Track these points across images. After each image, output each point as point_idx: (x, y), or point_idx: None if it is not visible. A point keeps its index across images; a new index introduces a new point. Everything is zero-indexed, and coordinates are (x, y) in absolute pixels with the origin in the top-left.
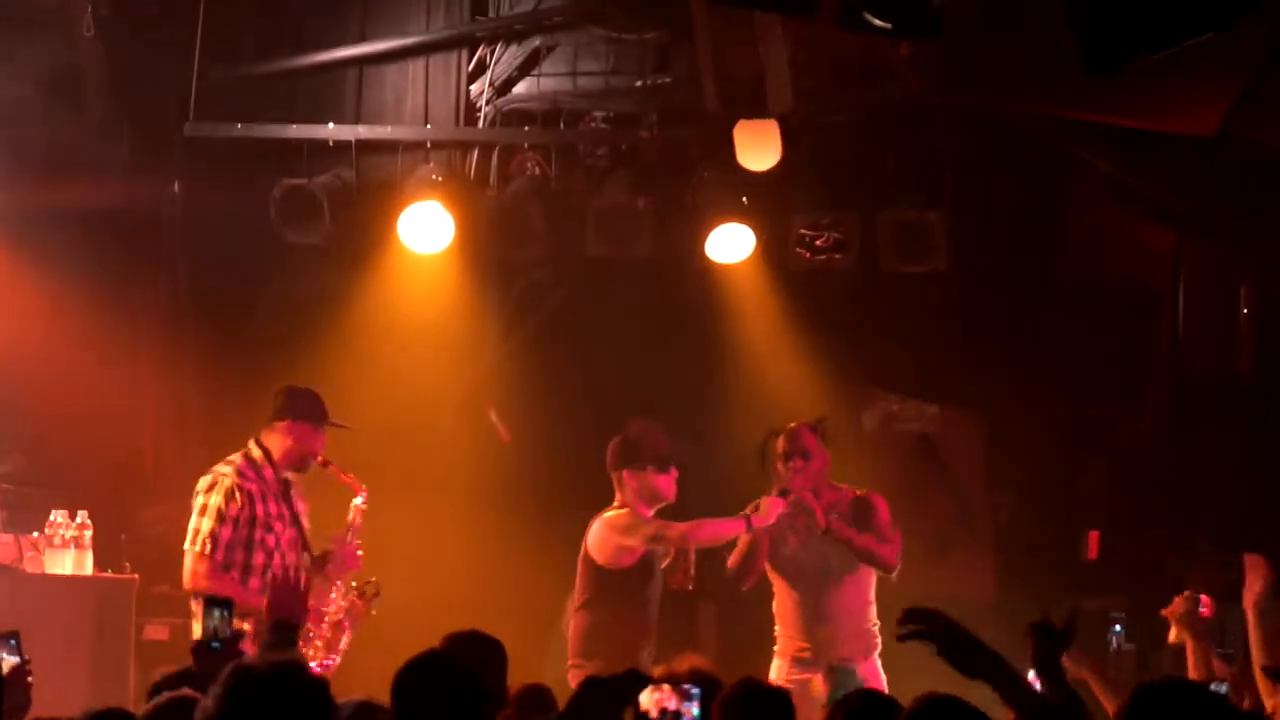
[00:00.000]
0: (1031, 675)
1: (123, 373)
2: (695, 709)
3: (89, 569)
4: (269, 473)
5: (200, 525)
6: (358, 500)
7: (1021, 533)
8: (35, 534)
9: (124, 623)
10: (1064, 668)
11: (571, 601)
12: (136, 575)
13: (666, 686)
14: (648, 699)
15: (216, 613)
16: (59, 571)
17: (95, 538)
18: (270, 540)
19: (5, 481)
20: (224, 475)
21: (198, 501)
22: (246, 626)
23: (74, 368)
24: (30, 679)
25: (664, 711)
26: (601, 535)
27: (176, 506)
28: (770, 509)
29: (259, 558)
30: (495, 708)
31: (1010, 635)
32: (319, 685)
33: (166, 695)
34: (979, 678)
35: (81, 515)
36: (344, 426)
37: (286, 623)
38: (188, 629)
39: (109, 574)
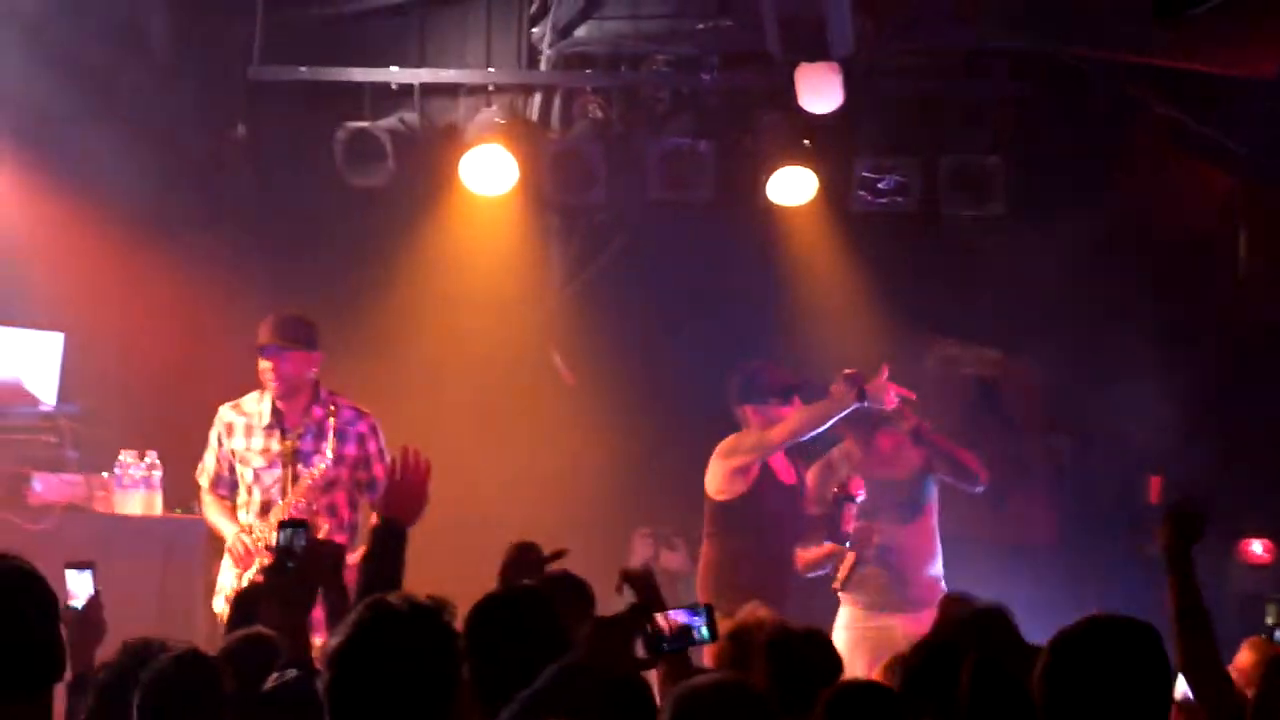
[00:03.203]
0: None
1: (188, 316)
2: (703, 627)
3: (158, 509)
4: (266, 405)
5: (204, 458)
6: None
7: (1081, 477)
8: (105, 474)
9: (193, 562)
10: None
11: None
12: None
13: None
14: (660, 620)
15: (288, 532)
16: (129, 511)
17: (164, 478)
18: (249, 475)
19: (75, 422)
20: (222, 407)
21: None
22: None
23: (141, 311)
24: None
25: (674, 628)
26: (711, 468)
27: None
28: (882, 389)
29: (241, 493)
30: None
31: (1069, 579)
32: (450, 632)
33: (240, 633)
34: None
35: (151, 456)
36: (256, 353)
37: (391, 526)
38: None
39: (178, 514)
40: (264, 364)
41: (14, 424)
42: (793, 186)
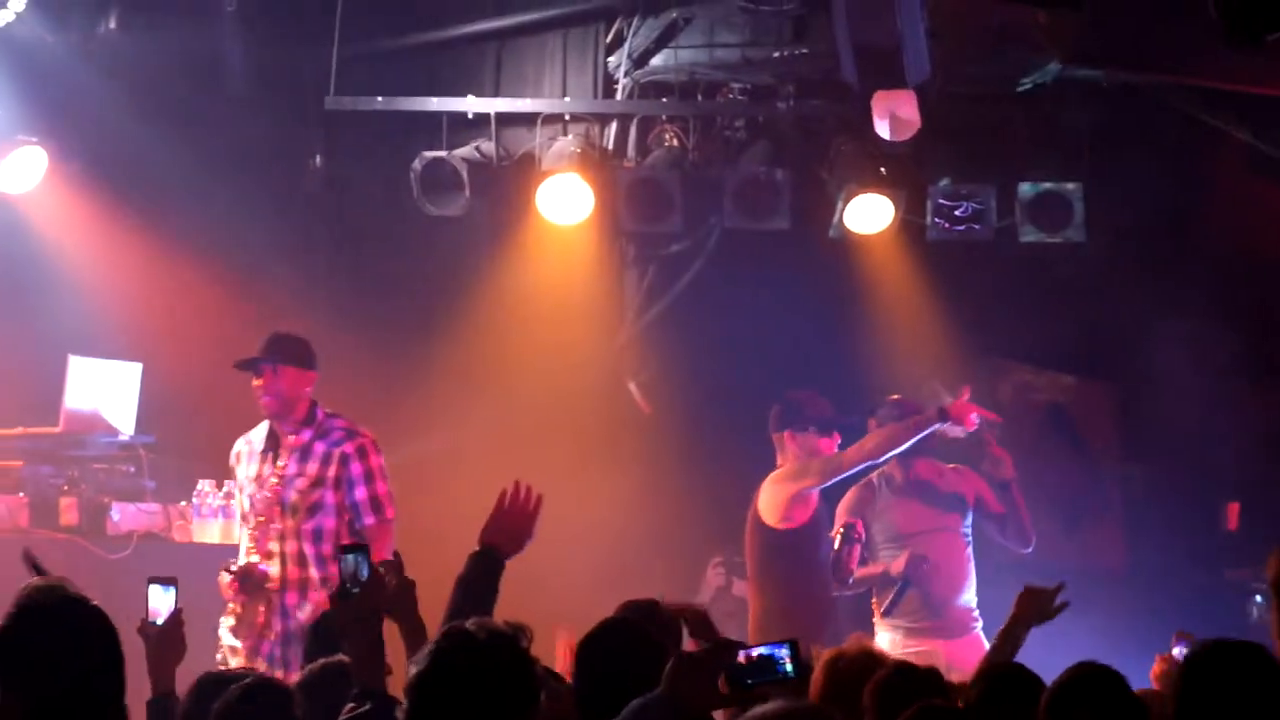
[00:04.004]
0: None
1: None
2: (788, 663)
3: (236, 538)
4: (265, 431)
5: None
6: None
7: (1154, 505)
8: (183, 503)
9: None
10: None
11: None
12: None
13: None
14: (743, 656)
15: (350, 558)
16: (206, 540)
17: None
18: (247, 502)
19: (152, 451)
20: (239, 439)
21: None
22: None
23: (217, 341)
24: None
25: (758, 664)
26: (770, 492)
27: None
28: (964, 410)
29: (241, 525)
30: None
31: (1141, 606)
32: (526, 659)
33: (321, 662)
34: None
35: (229, 485)
36: (245, 367)
37: (491, 554)
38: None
39: None
40: (256, 381)
41: (93, 454)
42: (869, 214)
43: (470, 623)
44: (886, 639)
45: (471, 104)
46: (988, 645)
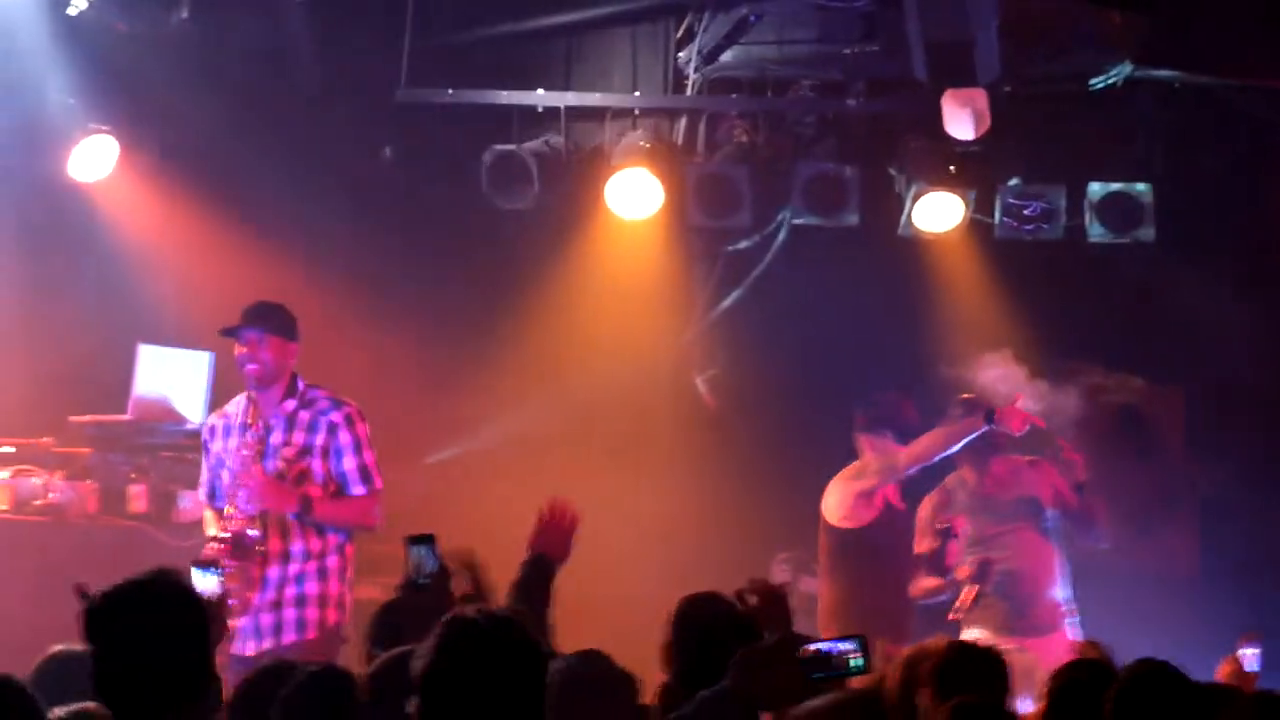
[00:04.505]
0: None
1: (336, 338)
2: (857, 657)
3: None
4: (243, 404)
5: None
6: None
7: (1225, 508)
8: None
9: None
10: None
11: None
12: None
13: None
14: (811, 649)
15: (417, 550)
16: None
17: None
18: (228, 475)
19: None
20: (210, 415)
21: None
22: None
23: None
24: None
25: (826, 658)
26: (833, 492)
27: (391, 470)
28: (1011, 415)
29: (221, 501)
30: None
31: (1210, 613)
32: (530, 638)
33: (389, 654)
34: None
35: None
36: (229, 333)
37: (543, 559)
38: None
39: None
40: (240, 349)
41: (162, 442)
42: (938, 212)
43: (471, 609)
44: (973, 635)
45: (542, 98)
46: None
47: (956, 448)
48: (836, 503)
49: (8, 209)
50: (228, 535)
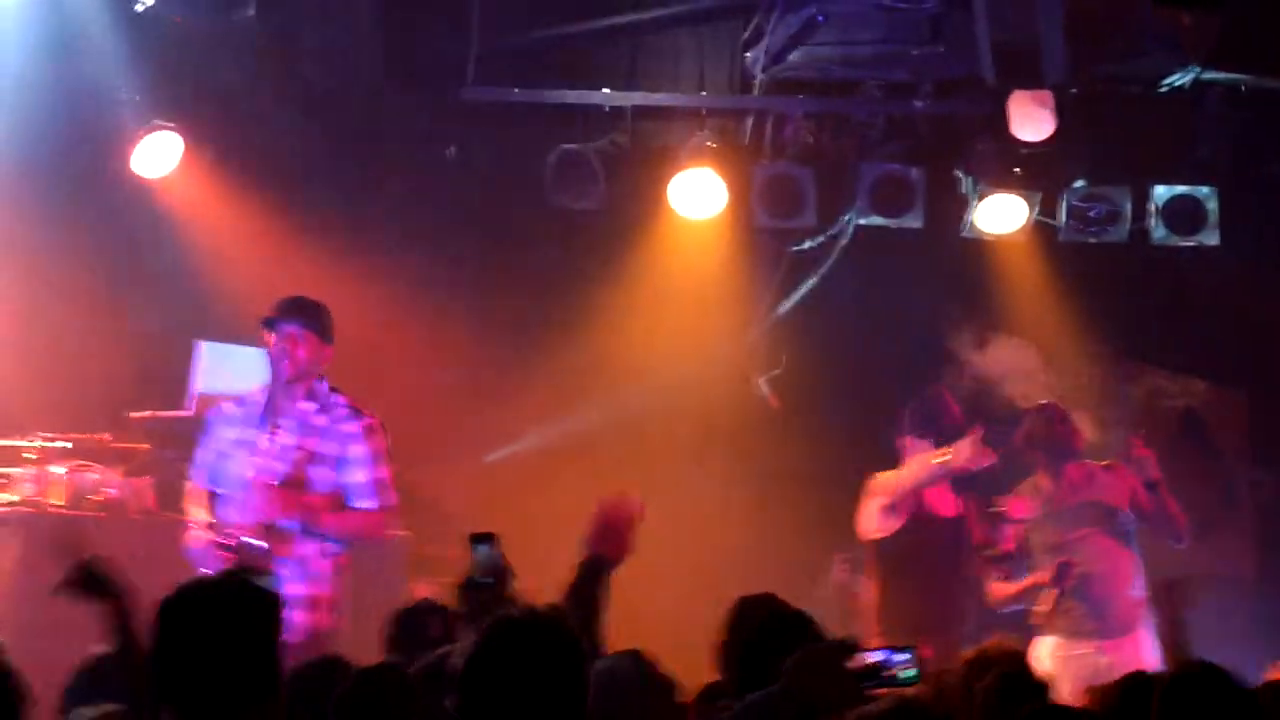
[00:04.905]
0: None
1: (399, 337)
2: (908, 669)
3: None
4: (263, 396)
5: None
6: None
7: None
8: None
9: (397, 580)
10: None
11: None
12: (409, 533)
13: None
14: (864, 657)
15: (481, 549)
16: None
17: None
18: (233, 467)
19: None
20: (225, 401)
21: None
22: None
23: (352, 332)
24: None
25: (877, 667)
26: (861, 506)
27: (449, 468)
28: (964, 452)
29: (221, 487)
30: None
31: (1269, 614)
32: (572, 638)
33: (437, 652)
34: None
35: None
36: (268, 324)
37: (599, 560)
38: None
39: None
40: (275, 340)
41: None
42: (1002, 214)
43: (514, 608)
44: (1049, 643)
45: (608, 97)
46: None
47: (930, 481)
48: (863, 517)
49: (72, 204)
50: (232, 543)
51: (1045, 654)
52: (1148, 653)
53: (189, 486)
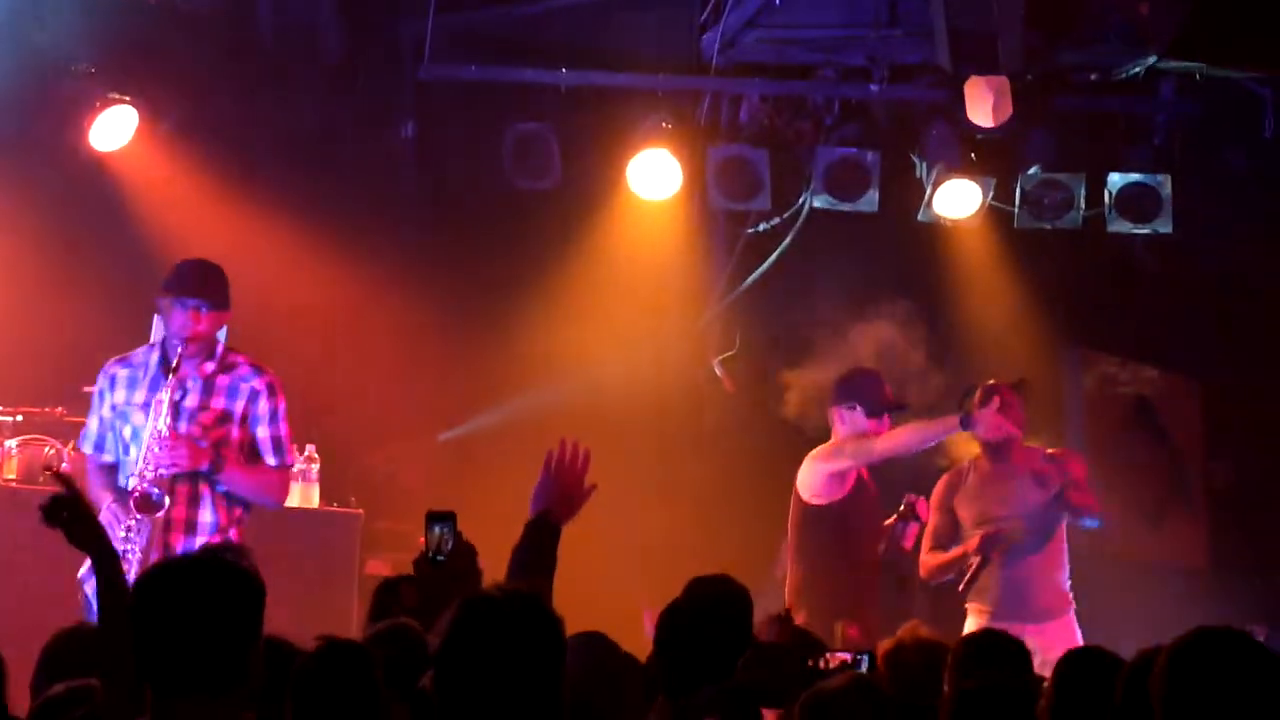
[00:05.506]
0: None
1: (352, 314)
2: (864, 667)
3: (315, 502)
4: (155, 356)
5: (87, 421)
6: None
7: (1237, 501)
8: None
9: (349, 556)
10: None
11: (785, 550)
12: (361, 510)
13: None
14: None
15: (437, 528)
16: (286, 504)
17: (322, 472)
18: (130, 430)
19: None
20: (109, 363)
21: None
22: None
23: (305, 308)
24: None
25: (838, 664)
26: (807, 469)
27: (401, 445)
28: (987, 420)
29: (124, 449)
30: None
31: (1220, 603)
32: (550, 616)
33: (386, 623)
34: None
35: (309, 449)
36: (168, 297)
37: (545, 523)
38: (409, 565)
39: (335, 507)
40: (182, 316)
41: None
42: (957, 199)
43: (490, 587)
44: (973, 623)
45: (566, 77)
46: (1078, 627)
47: (928, 445)
48: (808, 480)
49: (26, 176)
50: (135, 491)
51: (971, 628)
52: (1074, 638)
53: (87, 462)
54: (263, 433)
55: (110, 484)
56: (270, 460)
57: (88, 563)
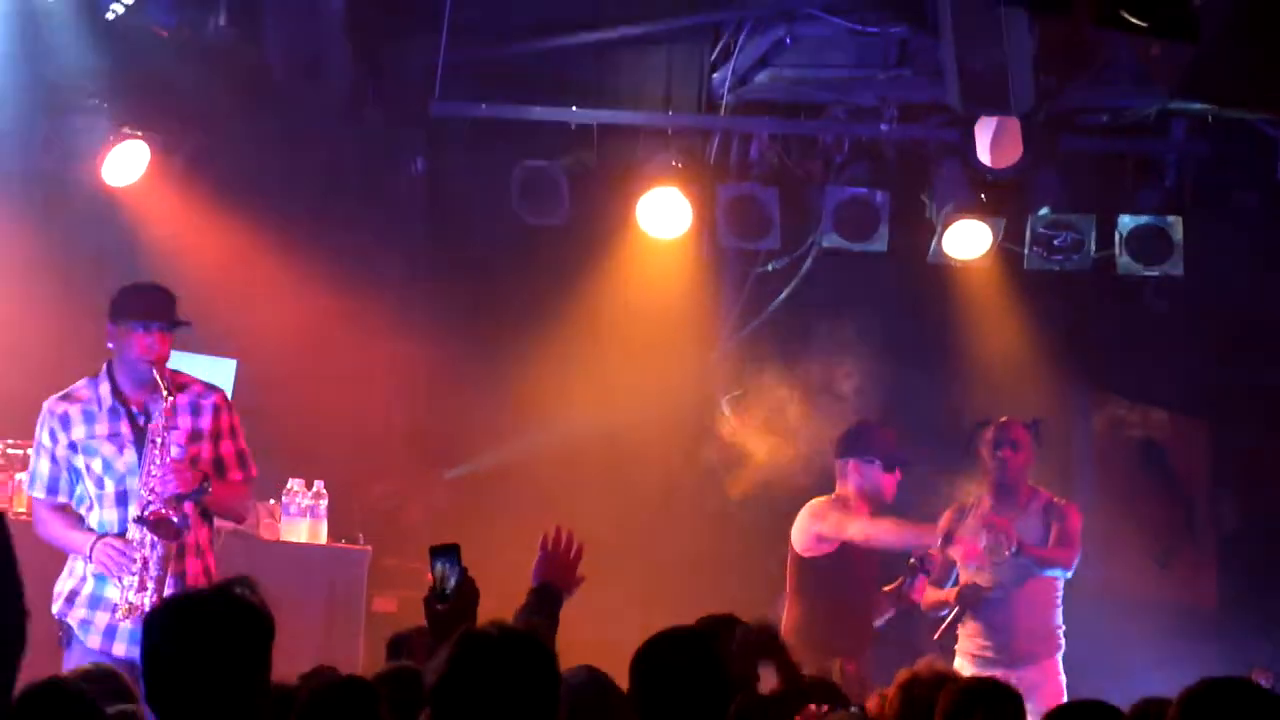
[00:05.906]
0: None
1: (360, 349)
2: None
3: (323, 538)
4: (105, 388)
5: (32, 465)
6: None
7: (1246, 542)
8: (272, 501)
9: (356, 593)
10: None
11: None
12: (369, 547)
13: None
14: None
15: (440, 564)
16: (294, 539)
17: (329, 508)
18: (100, 464)
19: None
20: (49, 402)
21: None
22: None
23: (314, 343)
24: None
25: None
26: (803, 521)
27: (407, 482)
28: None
29: (89, 488)
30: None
31: (1227, 644)
32: (547, 654)
33: (391, 664)
34: None
35: (318, 485)
36: (183, 324)
37: (549, 589)
38: (416, 602)
39: (343, 544)
40: (146, 340)
41: None
42: (967, 240)
43: (486, 624)
44: (957, 664)
45: (575, 114)
46: (1062, 674)
47: (901, 548)
48: (798, 534)
49: (36, 210)
50: (151, 516)
51: (955, 667)
52: (1057, 681)
53: (41, 507)
54: (226, 448)
55: (77, 523)
56: (236, 474)
57: (62, 597)
